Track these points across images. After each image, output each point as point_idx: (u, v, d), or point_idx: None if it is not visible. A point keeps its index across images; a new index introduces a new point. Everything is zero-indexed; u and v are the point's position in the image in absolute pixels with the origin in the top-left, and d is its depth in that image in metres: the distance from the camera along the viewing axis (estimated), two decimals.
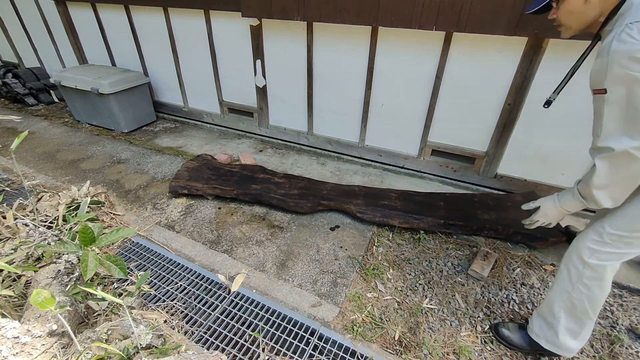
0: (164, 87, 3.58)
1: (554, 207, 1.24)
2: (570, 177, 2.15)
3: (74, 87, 3.16)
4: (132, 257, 1.85)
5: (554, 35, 1.75)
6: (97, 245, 1.30)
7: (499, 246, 1.90)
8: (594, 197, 1.06)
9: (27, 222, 1.75)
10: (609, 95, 0.93)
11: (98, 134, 3.34)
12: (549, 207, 1.26)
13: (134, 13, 3.20)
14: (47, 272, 1.37)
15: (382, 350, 1.40)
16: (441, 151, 2.47)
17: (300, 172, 2.69)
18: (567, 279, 1.24)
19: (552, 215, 1.27)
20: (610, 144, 0.96)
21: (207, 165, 2.56)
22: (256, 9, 2.42)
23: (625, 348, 1.40)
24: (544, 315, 1.30)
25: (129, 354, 1.15)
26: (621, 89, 0.90)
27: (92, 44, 3.71)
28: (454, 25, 1.93)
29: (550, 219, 1.28)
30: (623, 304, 1.59)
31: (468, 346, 1.41)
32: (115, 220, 2.14)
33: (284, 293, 1.66)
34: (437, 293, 1.66)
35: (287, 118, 2.99)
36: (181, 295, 1.62)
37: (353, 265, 1.81)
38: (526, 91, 2.01)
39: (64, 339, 1.16)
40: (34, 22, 4.05)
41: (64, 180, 2.55)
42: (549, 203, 1.26)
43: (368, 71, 2.41)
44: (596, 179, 1.02)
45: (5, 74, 4.07)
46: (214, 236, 2.02)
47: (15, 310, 1.33)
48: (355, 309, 1.57)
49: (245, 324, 1.50)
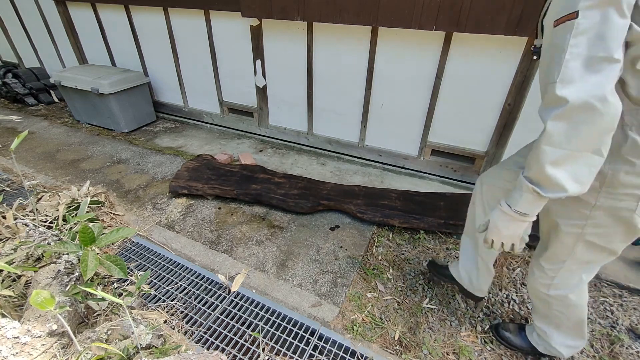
0: (164, 87, 3.58)
1: (504, 214, 0.93)
2: None
3: (74, 87, 3.16)
4: (132, 257, 1.85)
5: None
6: (97, 245, 1.30)
7: None
8: (549, 178, 0.79)
9: (27, 222, 1.75)
10: (580, 21, 0.71)
11: (98, 134, 3.34)
12: (498, 216, 0.95)
13: (134, 13, 3.20)
14: (47, 272, 1.37)
15: (382, 350, 1.40)
16: (441, 151, 2.47)
17: (300, 172, 2.69)
18: (542, 308, 1.22)
19: (505, 227, 0.94)
20: (568, 92, 0.73)
21: (207, 165, 2.56)
22: (256, 9, 2.42)
23: (625, 348, 1.40)
24: (537, 329, 1.30)
25: (129, 354, 1.15)
26: (596, 13, 0.70)
27: (92, 44, 3.71)
28: (454, 25, 1.93)
29: (505, 233, 0.95)
30: (623, 304, 1.59)
31: (468, 346, 1.41)
32: (115, 220, 2.14)
33: (284, 293, 1.66)
34: (437, 293, 1.66)
35: (287, 118, 2.99)
36: (181, 295, 1.62)
37: (353, 265, 1.81)
38: (526, 91, 2.01)
39: (63, 339, 1.16)
40: (34, 22, 4.05)
41: (64, 180, 2.55)
42: (497, 211, 0.95)
43: (368, 71, 2.41)
44: (549, 150, 0.77)
45: (5, 74, 4.07)
46: (214, 236, 2.02)
47: (15, 310, 1.33)
48: (355, 309, 1.57)
49: (245, 324, 1.50)
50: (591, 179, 0.79)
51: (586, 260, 1.04)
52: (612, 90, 0.71)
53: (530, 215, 0.88)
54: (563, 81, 0.73)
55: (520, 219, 0.90)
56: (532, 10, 1.74)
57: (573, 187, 0.78)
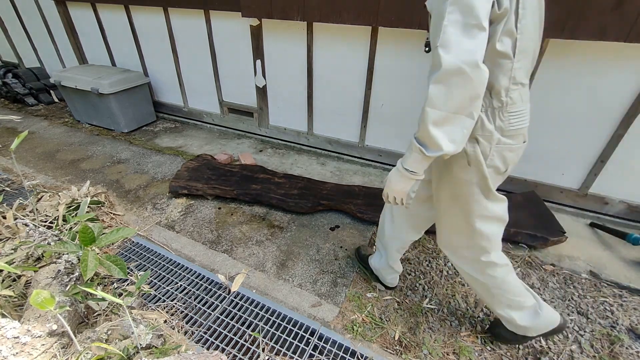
0: (164, 87, 3.58)
1: (397, 171, 1.00)
2: (570, 177, 2.15)
3: (74, 87, 3.16)
4: (132, 257, 1.85)
5: (554, 35, 1.75)
6: (97, 245, 1.30)
7: None
8: (431, 137, 0.84)
9: (27, 222, 1.75)
10: None
11: (98, 134, 3.34)
12: (393, 173, 1.03)
13: (134, 13, 3.20)
14: (47, 272, 1.37)
15: (382, 350, 1.40)
16: None
17: (300, 172, 2.69)
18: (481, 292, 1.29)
19: (396, 182, 1.02)
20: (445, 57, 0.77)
21: (207, 165, 2.56)
22: (256, 9, 2.41)
23: (625, 348, 1.40)
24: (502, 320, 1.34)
25: (129, 354, 1.15)
26: None
27: (92, 44, 3.71)
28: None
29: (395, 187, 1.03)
30: (623, 304, 1.59)
31: (468, 346, 1.41)
32: (115, 220, 2.14)
33: (284, 293, 1.66)
34: (437, 293, 1.66)
35: (287, 118, 2.99)
36: (181, 295, 1.62)
37: (353, 265, 1.81)
38: None
39: (64, 339, 1.16)
40: (34, 22, 4.05)
41: (64, 180, 2.55)
42: (393, 170, 1.04)
43: (368, 71, 2.41)
44: (430, 111, 0.83)
45: (5, 74, 4.07)
46: (214, 236, 2.02)
47: (15, 310, 1.33)
48: (355, 309, 1.57)
49: (245, 324, 1.50)
50: (464, 140, 0.86)
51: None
52: (481, 57, 0.78)
53: (417, 174, 0.96)
54: (442, 45, 0.78)
55: (408, 176, 0.97)
56: None
57: (449, 146, 0.85)
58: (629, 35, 1.61)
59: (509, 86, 0.93)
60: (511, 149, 1.01)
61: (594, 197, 2.12)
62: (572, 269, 1.78)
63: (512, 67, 0.90)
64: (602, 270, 1.77)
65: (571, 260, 1.84)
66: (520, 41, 0.87)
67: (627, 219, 2.09)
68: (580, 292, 1.65)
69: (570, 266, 1.80)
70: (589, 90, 1.88)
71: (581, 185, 2.13)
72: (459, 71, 0.77)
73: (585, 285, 1.69)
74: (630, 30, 1.60)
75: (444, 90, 0.80)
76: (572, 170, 2.12)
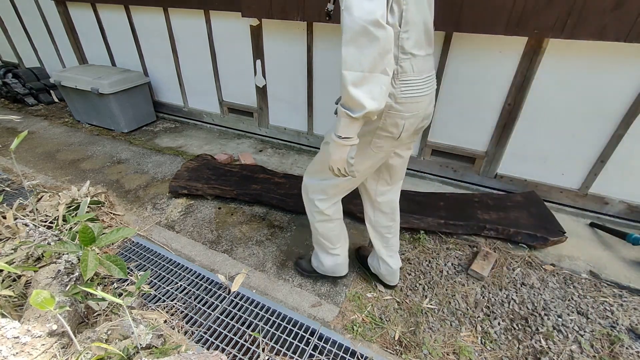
0: (164, 87, 3.58)
1: (333, 142, 1.01)
2: (570, 177, 2.15)
3: (74, 87, 3.16)
4: (132, 257, 1.85)
5: (554, 35, 1.75)
6: (97, 245, 1.30)
7: (499, 246, 1.90)
8: (353, 98, 0.87)
9: (27, 222, 1.75)
10: None
11: (98, 134, 3.34)
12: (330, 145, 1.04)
13: (134, 13, 3.20)
14: (47, 272, 1.37)
15: (382, 350, 1.40)
16: (441, 151, 2.47)
17: (301, 172, 2.68)
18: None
19: (334, 152, 1.03)
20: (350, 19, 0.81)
21: (207, 165, 2.56)
22: (256, 9, 2.41)
23: (625, 348, 1.40)
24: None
25: (129, 354, 1.15)
26: None
27: (92, 44, 3.71)
28: (454, 25, 1.93)
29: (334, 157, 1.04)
30: (623, 304, 1.59)
31: (468, 346, 1.41)
32: (115, 220, 2.14)
33: (284, 293, 1.66)
34: (437, 293, 1.66)
35: (287, 118, 2.99)
36: (181, 295, 1.62)
37: (353, 265, 1.81)
38: (526, 91, 2.01)
39: (63, 339, 1.16)
40: (34, 22, 4.05)
41: (64, 180, 2.55)
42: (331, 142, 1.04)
43: None
44: (347, 74, 0.85)
45: (5, 74, 4.07)
46: (214, 236, 2.02)
47: (15, 310, 1.33)
48: (355, 309, 1.57)
49: (245, 324, 1.50)
50: (384, 95, 0.90)
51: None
52: (382, 16, 0.81)
53: (351, 139, 0.98)
54: (346, 8, 0.82)
55: (342, 143, 0.99)
56: (532, 10, 1.74)
57: (371, 104, 0.88)
58: (629, 35, 1.61)
59: (398, 55, 0.99)
60: (402, 117, 1.08)
61: (594, 197, 2.12)
62: (572, 269, 1.78)
63: (399, 37, 0.97)
64: (602, 270, 1.77)
65: (571, 260, 1.84)
66: (406, 12, 0.94)
67: (627, 219, 2.09)
68: (580, 292, 1.65)
69: (570, 266, 1.80)
70: (589, 90, 1.88)
71: (581, 185, 2.13)
72: (364, 31, 0.81)
73: (585, 285, 1.69)
74: (630, 30, 1.60)
75: (355, 51, 0.84)
76: (572, 170, 2.12)
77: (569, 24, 1.70)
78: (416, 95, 1.07)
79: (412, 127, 1.14)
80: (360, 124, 0.95)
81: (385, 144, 1.16)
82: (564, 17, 1.69)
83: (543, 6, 1.71)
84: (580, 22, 1.67)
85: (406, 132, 1.13)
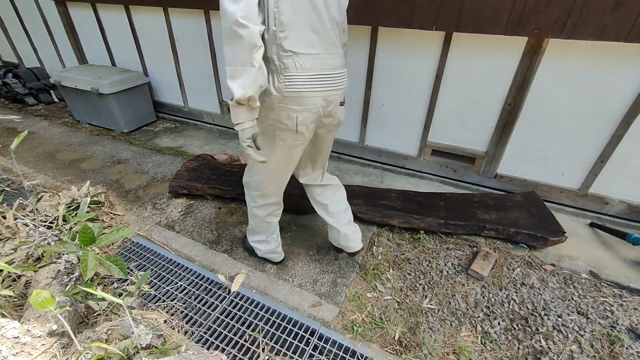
0: (164, 87, 3.58)
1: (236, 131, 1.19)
2: (570, 177, 2.15)
3: (74, 87, 3.16)
4: (132, 257, 1.85)
5: (554, 35, 1.75)
6: (97, 245, 1.30)
7: (499, 246, 1.90)
8: (231, 88, 1.03)
9: (27, 222, 1.75)
10: None
11: (98, 134, 3.34)
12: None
13: (134, 13, 3.20)
14: (47, 272, 1.37)
15: (382, 350, 1.40)
16: (441, 151, 2.47)
17: None
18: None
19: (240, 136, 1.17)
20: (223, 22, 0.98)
21: (207, 165, 2.56)
22: None
23: (625, 348, 1.40)
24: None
25: (129, 354, 1.15)
26: None
27: (92, 44, 3.71)
28: (454, 25, 1.93)
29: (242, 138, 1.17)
30: (623, 304, 1.59)
31: (468, 346, 1.41)
32: (115, 220, 2.14)
33: (284, 293, 1.66)
34: (437, 293, 1.66)
35: None
36: (181, 295, 1.62)
37: (353, 265, 1.81)
38: (526, 91, 2.01)
39: (64, 339, 1.16)
40: (34, 22, 4.05)
41: (64, 180, 2.55)
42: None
43: (368, 71, 2.41)
44: (227, 68, 1.03)
45: (6, 74, 4.07)
46: (214, 236, 2.02)
47: (15, 310, 1.33)
48: (355, 309, 1.57)
49: (245, 324, 1.50)
50: (252, 85, 1.03)
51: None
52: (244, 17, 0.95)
53: (242, 123, 1.12)
54: (222, 13, 0.98)
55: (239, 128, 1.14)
56: (532, 10, 1.74)
57: (239, 92, 1.03)
58: (629, 35, 1.61)
59: (279, 53, 1.12)
60: (293, 110, 1.20)
61: (594, 197, 2.12)
62: (572, 269, 1.78)
63: (277, 36, 1.09)
64: (602, 270, 1.77)
65: (571, 260, 1.84)
66: (279, 14, 1.05)
67: (627, 219, 2.09)
68: (580, 292, 1.65)
69: (570, 266, 1.80)
70: (589, 90, 1.88)
71: (581, 185, 2.13)
72: (232, 32, 0.97)
73: (585, 285, 1.69)
74: (630, 30, 1.60)
75: (229, 50, 1.01)
76: (572, 170, 2.12)
77: (569, 24, 1.70)
78: (302, 91, 1.17)
79: (309, 122, 1.24)
80: (245, 110, 1.10)
81: (288, 137, 1.27)
82: (564, 17, 1.69)
83: (543, 6, 1.71)
84: (580, 22, 1.67)
85: (303, 126, 1.24)
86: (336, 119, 1.38)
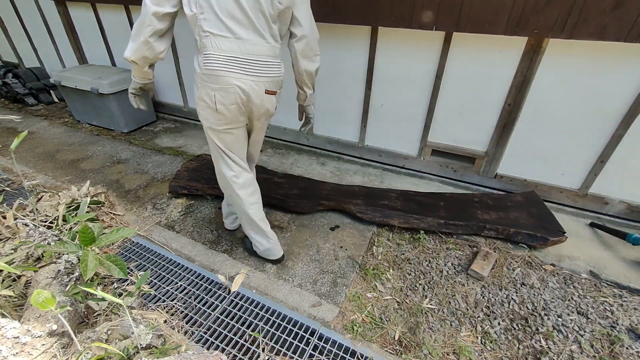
0: (164, 87, 3.58)
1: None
2: (570, 177, 2.15)
3: (74, 87, 3.16)
4: (132, 257, 1.85)
5: (554, 35, 1.75)
6: (97, 245, 1.30)
7: (499, 246, 1.90)
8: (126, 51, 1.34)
9: (27, 222, 1.75)
10: None
11: (98, 134, 3.34)
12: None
13: (134, 13, 3.20)
14: (47, 272, 1.37)
15: (382, 350, 1.40)
16: (441, 151, 2.47)
17: (300, 172, 2.69)
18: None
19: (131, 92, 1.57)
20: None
21: (207, 165, 2.56)
22: None
23: (625, 348, 1.40)
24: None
25: (129, 354, 1.15)
26: None
27: (92, 44, 3.71)
28: (454, 26, 1.93)
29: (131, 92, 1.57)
30: (623, 304, 1.59)
31: (468, 346, 1.41)
32: (115, 220, 2.14)
33: (284, 293, 1.66)
34: (437, 293, 1.66)
35: (287, 118, 2.99)
36: (181, 295, 1.62)
37: (353, 265, 1.81)
38: (526, 91, 2.01)
39: (64, 339, 1.16)
40: (34, 22, 4.05)
41: (64, 180, 2.55)
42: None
43: (368, 71, 2.41)
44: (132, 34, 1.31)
45: (6, 74, 4.07)
46: (214, 236, 2.02)
47: (15, 310, 1.33)
48: (355, 309, 1.57)
49: (245, 324, 1.50)
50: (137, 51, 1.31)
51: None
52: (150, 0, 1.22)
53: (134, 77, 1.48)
54: None
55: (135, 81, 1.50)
56: (532, 10, 1.74)
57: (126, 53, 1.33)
58: (629, 35, 1.61)
59: (200, 33, 1.26)
60: (212, 88, 1.31)
61: (594, 197, 2.12)
62: (572, 269, 1.78)
63: (198, 18, 1.23)
64: (602, 270, 1.77)
65: (571, 260, 1.84)
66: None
67: (627, 219, 2.09)
68: (580, 292, 1.65)
69: (570, 266, 1.80)
70: (589, 90, 1.88)
71: (581, 185, 2.14)
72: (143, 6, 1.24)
73: (585, 285, 1.69)
74: (630, 30, 1.60)
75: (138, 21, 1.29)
76: (572, 170, 2.12)
77: (569, 24, 1.70)
78: (217, 69, 1.27)
79: (229, 103, 1.33)
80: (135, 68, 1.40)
81: (210, 116, 1.39)
82: (564, 17, 1.69)
83: (543, 6, 1.71)
84: (580, 22, 1.67)
85: (222, 106, 1.33)
86: (263, 108, 1.44)
